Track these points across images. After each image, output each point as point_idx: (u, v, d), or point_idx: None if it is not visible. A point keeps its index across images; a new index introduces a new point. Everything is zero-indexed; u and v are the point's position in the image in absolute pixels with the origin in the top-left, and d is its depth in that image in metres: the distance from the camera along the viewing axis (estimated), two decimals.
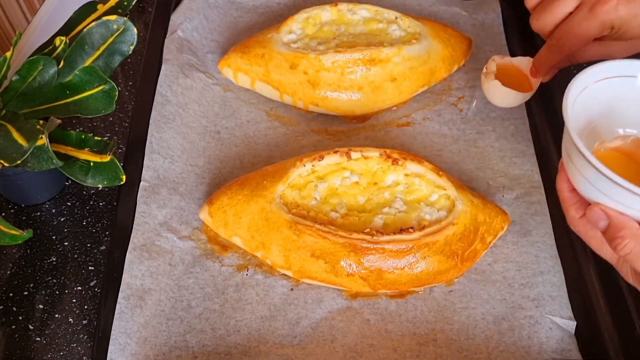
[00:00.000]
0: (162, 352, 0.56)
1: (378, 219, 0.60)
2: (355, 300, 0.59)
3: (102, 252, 0.65)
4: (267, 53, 0.74)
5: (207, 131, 0.72)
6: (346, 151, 0.63)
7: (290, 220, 0.59)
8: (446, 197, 0.62)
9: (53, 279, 0.63)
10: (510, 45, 0.80)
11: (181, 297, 0.59)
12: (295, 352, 0.56)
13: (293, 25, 0.76)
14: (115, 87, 0.59)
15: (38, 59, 0.59)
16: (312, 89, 0.72)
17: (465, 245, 0.60)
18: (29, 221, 0.67)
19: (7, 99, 0.60)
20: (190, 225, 0.64)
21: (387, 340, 0.57)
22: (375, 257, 0.58)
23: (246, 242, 0.61)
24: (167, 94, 0.71)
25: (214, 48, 0.80)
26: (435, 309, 0.59)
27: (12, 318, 0.60)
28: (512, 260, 0.62)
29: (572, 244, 0.62)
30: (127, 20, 0.61)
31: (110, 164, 0.57)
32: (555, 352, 0.56)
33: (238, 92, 0.76)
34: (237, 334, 0.57)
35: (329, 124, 0.74)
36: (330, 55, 0.71)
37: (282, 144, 0.72)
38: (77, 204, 0.69)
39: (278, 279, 0.61)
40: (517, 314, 0.58)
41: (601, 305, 0.58)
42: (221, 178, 0.68)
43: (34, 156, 0.55)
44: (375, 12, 0.77)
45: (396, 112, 0.75)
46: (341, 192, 0.62)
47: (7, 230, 0.53)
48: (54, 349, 0.59)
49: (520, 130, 0.71)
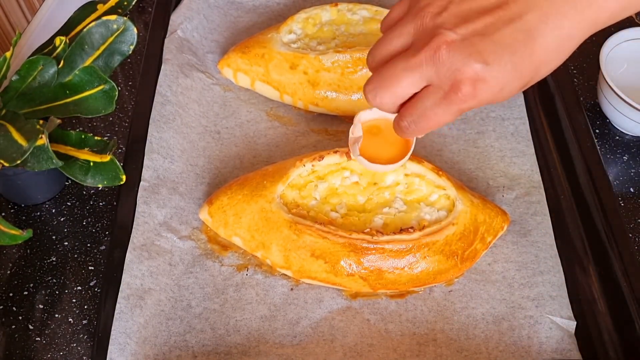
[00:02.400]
0: (162, 351, 0.56)
1: (378, 219, 0.60)
2: (355, 300, 0.59)
3: (102, 252, 0.65)
4: (267, 53, 0.74)
5: (207, 131, 0.72)
6: (346, 151, 0.63)
7: (290, 220, 0.59)
8: (446, 197, 0.62)
9: (53, 279, 0.63)
10: None
11: (181, 297, 0.59)
12: (295, 351, 0.56)
13: (293, 25, 0.76)
14: (115, 87, 0.59)
15: (38, 59, 0.59)
16: (312, 89, 0.72)
17: (465, 245, 0.60)
18: (29, 221, 0.67)
19: (7, 99, 0.60)
20: (190, 225, 0.64)
21: (387, 340, 0.57)
22: (375, 257, 0.58)
23: (246, 242, 0.61)
24: (167, 93, 0.71)
25: (214, 48, 0.80)
26: (435, 309, 0.59)
27: (12, 318, 0.60)
28: (512, 260, 0.62)
29: (572, 244, 0.63)
30: (127, 20, 0.61)
31: (110, 164, 0.57)
32: (555, 352, 0.56)
33: (238, 92, 0.76)
34: (237, 334, 0.57)
35: (329, 124, 0.74)
36: (330, 55, 0.71)
37: (282, 144, 0.72)
38: (77, 204, 0.69)
39: (278, 278, 0.61)
40: (517, 313, 0.58)
41: (601, 305, 0.58)
42: (221, 178, 0.68)
43: (34, 156, 0.55)
44: (375, 12, 0.77)
45: None
46: (341, 192, 0.62)
47: (7, 230, 0.53)
48: (54, 349, 0.59)
49: (520, 130, 0.71)
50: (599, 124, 0.76)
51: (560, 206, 0.65)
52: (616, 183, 0.70)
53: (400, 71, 0.44)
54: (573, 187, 0.66)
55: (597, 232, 0.61)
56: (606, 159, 0.72)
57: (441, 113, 0.44)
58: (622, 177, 0.71)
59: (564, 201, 0.66)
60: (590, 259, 0.61)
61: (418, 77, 0.43)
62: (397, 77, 0.44)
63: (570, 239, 0.63)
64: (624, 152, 0.73)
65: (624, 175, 0.71)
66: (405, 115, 0.46)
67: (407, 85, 0.44)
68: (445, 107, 0.43)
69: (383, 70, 0.45)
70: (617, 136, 0.74)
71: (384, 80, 0.45)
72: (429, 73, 0.42)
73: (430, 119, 0.44)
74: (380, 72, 0.45)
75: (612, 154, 0.73)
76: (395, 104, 0.46)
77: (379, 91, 0.45)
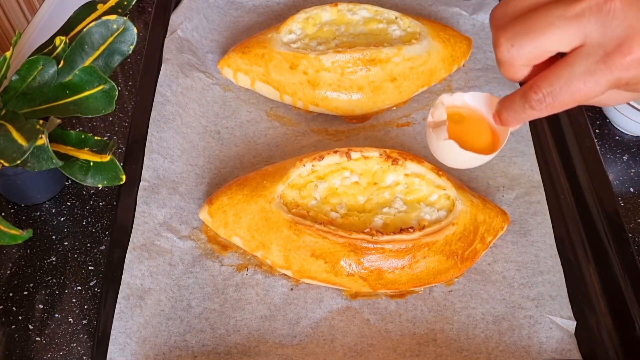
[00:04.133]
0: (162, 351, 0.56)
1: (378, 218, 0.60)
2: (355, 300, 0.59)
3: (102, 252, 0.65)
4: (267, 53, 0.74)
5: (207, 131, 0.72)
6: (346, 151, 0.63)
7: (290, 220, 0.59)
8: (446, 197, 0.62)
9: (53, 279, 0.63)
10: None
11: (181, 296, 0.59)
12: (295, 351, 0.56)
13: (293, 25, 0.76)
14: (115, 87, 0.59)
15: (38, 59, 0.59)
16: (312, 89, 0.72)
17: (465, 245, 0.60)
18: (29, 221, 0.67)
19: (7, 98, 0.60)
20: (190, 225, 0.64)
21: (387, 340, 0.57)
22: (375, 257, 0.58)
23: (246, 242, 0.61)
24: (167, 93, 0.71)
25: (214, 48, 0.80)
26: (435, 309, 0.59)
27: (12, 318, 0.60)
28: (512, 260, 0.62)
29: (572, 244, 0.63)
30: (127, 20, 0.61)
31: (110, 163, 0.57)
32: (555, 352, 0.56)
33: (238, 92, 0.76)
34: (237, 334, 0.57)
35: (329, 124, 0.74)
36: (330, 55, 0.71)
37: (282, 144, 0.72)
38: (77, 204, 0.69)
39: (278, 278, 0.61)
40: (517, 313, 0.58)
41: (601, 305, 0.58)
42: (221, 178, 0.68)
43: (34, 156, 0.55)
44: (375, 12, 0.77)
45: (396, 112, 0.75)
46: (341, 192, 0.62)
47: (7, 230, 0.53)
48: (54, 348, 0.59)
49: (520, 130, 0.71)
50: (599, 124, 0.76)
51: (560, 206, 0.65)
52: (616, 183, 0.70)
53: (555, 19, 0.36)
54: (573, 187, 0.66)
55: (597, 232, 0.61)
56: (606, 159, 0.72)
57: (592, 83, 0.36)
58: (622, 177, 0.71)
59: (564, 201, 0.66)
60: (590, 259, 0.61)
61: (575, 30, 0.35)
62: (549, 25, 0.36)
63: (570, 239, 0.63)
64: (624, 152, 0.73)
65: (624, 175, 0.71)
66: (542, 84, 0.37)
67: (557, 39, 0.36)
68: (600, 76, 0.36)
69: (530, 15, 0.37)
70: (617, 136, 0.74)
71: (530, 26, 0.36)
72: (591, 27, 0.35)
73: (576, 90, 0.37)
74: (526, 18, 0.37)
75: (612, 154, 0.73)
76: (532, 61, 0.38)
77: (520, 39, 0.37)
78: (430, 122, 0.49)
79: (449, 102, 0.50)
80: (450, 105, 0.50)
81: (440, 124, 0.48)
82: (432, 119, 0.49)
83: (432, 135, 0.49)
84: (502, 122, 0.42)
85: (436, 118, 0.49)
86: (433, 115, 0.49)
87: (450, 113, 0.50)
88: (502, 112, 0.42)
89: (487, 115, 0.49)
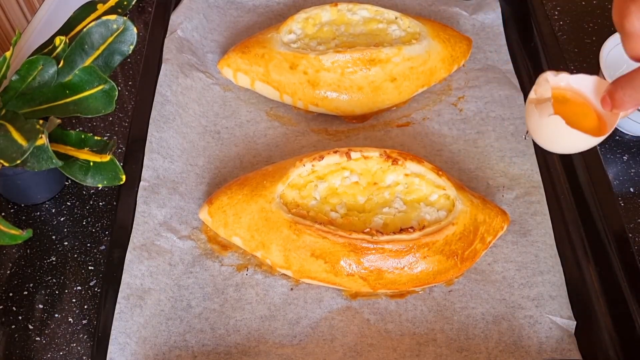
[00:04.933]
0: (161, 351, 0.56)
1: (378, 218, 0.60)
2: (355, 300, 0.59)
3: (102, 252, 0.65)
4: (267, 53, 0.74)
5: (207, 131, 0.72)
6: (346, 151, 0.63)
7: (290, 220, 0.59)
8: (446, 197, 0.62)
9: (53, 279, 0.63)
10: (510, 45, 0.80)
11: (181, 296, 0.59)
12: (295, 351, 0.56)
13: (293, 25, 0.76)
14: (115, 87, 0.59)
15: (38, 59, 0.59)
16: (312, 89, 0.72)
17: (465, 245, 0.60)
18: (29, 221, 0.67)
19: (6, 98, 0.60)
20: (190, 225, 0.64)
21: (387, 340, 0.57)
22: (375, 257, 0.58)
23: (246, 242, 0.61)
24: (167, 93, 0.71)
25: (214, 48, 0.80)
26: (435, 309, 0.59)
27: (12, 318, 0.60)
28: (512, 260, 0.62)
29: (572, 244, 0.63)
30: (127, 20, 0.61)
31: (110, 163, 0.57)
32: (555, 352, 0.56)
33: (238, 92, 0.76)
34: (236, 334, 0.57)
35: (328, 124, 0.74)
36: (330, 55, 0.71)
37: (282, 144, 0.72)
38: (77, 204, 0.69)
39: (278, 278, 0.61)
40: (517, 313, 0.58)
41: (601, 305, 0.58)
42: (221, 178, 0.68)
43: (34, 156, 0.55)
44: (375, 12, 0.77)
45: (396, 112, 0.75)
46: (341, 192, 0.62)
47: (7, 230, 0.53)
48: (54, 348, 0.59)
49: (520, 130, 0.71)
50: None
51: (560, 206, 0.65)
52: (616, 183, 0.70)
53: None
54: (573, 187, 0.66)
55: (597, 232, 0.61)
56: (606, 159, 0.72)
57: None
58: (622, 177, 0.71)
59: (564, 201, 0.66)
60: (590, 259, 0.61)
61: None
62: None
63: (570, 239, 0.63)
64: (624, 152, 0.73)
65: (624, 175, 0.71)
66: None
67: None
68: None
69: None
70: (617, 136, 0.74)
71: None
72: None
73: None
74: None
75: (612, 154, 0.73)
76: None
77: None
78: (533, 98, 0.47)
79: (554, 82, 0.47)
80: (554, 85, 0.47)
81: (542, 101, 0.46)
82: (534, 95, 0.47)
83: (535, 112, 0.46)
84: (615, 103, 0.40)
85: (539, 95, 0.47)
86: (536, 92, 0.47)
87: (554, 94, 0.47)
88: (618, 91, 0.39)
89: (593, 100, 0.47)
